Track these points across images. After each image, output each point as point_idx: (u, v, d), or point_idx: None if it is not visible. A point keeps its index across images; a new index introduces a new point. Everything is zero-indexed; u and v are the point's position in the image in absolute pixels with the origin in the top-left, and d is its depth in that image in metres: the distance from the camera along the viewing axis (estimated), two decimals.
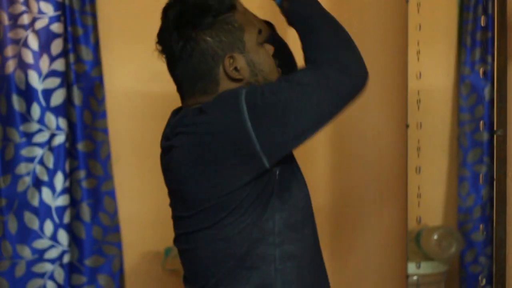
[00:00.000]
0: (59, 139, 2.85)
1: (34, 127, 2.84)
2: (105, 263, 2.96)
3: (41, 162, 2.85)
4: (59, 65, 2.84)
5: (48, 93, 2.84)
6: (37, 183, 2.85)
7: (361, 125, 2.84)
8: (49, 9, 2.82)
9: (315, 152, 2.88)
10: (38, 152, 2.84)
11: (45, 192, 2.85)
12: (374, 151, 2.84)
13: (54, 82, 2.84)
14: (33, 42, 2.81)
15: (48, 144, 2.85)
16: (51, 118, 2.84)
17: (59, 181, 2.85)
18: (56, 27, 2.83)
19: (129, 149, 3.05)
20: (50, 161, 2.85)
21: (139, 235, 3.06)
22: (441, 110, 3.47)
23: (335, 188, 2.95)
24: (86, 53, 2.91)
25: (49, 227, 2.85)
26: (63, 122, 2.85)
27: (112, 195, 2.97)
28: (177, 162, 1.51)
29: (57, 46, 2.84)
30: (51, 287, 2.87)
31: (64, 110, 2.86)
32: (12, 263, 2.83)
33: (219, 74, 1.51)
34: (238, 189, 1.46)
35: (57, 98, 2.85)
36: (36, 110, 2.83)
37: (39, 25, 2.82)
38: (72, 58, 2.89)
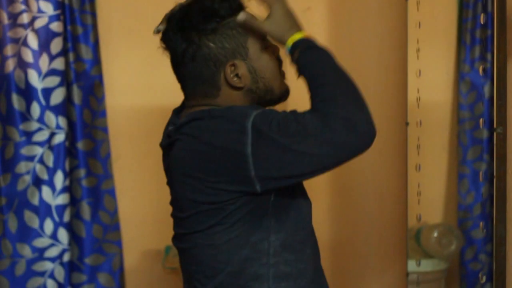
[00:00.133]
0: (59, 138, 2.85)
1: (34, 126, 2.84)
2: (105, 261, 2.97)
3: (41, 161, 2.85)
4: (58, 64, 2.84)
5: (47, 92, 2.84)
6: (37, 182, 2.85)
7: None
8: (48, 8, 2.82)
9: None
10: (38, 151, 2.84)
11: (45, 191, 2.85)
12: (374, 149, 2.81)
13: (53, 81, 2.84)
14: (33, 41, 2.81)
15: (48, 143, 2.85)
16: (51, 117, 2.84)
17: (59, 179, 2.85)
18: (56, 26, 2.83)
19: (129, 147, 3.04)
20: (50, 160, 2.85)
21: (139, 233, 3.06)
22: (440, 108, 3.47)
23: (335, 186, 2.95)
24: (86, 52, 2.91)
25: (49, 225, 2.85)
26: (63, 121, 2.85)
27: (112, 193, 2.97)
28: (175, 162, 1.52)
29: (56, 45, 2.84)
30: (51, 286, 2.87)
31: (64, 109, 2.86)
32: (12, 261, 2.83)
33: (220, 80, 1.51)
34: (226, 201, 1.46)
35: (57, 97, 2.85)
36: (36, 109, 2.83)
37: (38, 24, 2.82)
38: (71, 57, 2.89)
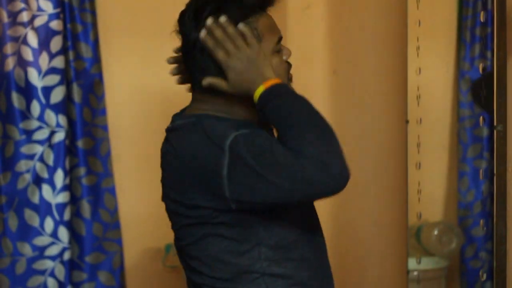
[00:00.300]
0: (59, 136, 2.85)
1: (34, 124, 2.83)
2: (105, 259, 2.97)
3: (41, 159, 2.84)
4: (58, 62, 2.84)
5: (47, 90, 2.83)
6: (37, 180, 2.85)
7: (361, 121, 2.84)
8: (48, 7, 2.82)
9: None
10: (38, 149, 2.84)
11: (45, 189, 2.85)
12: (374, 147, 2.84)
13: (53, 79, 2.84)
14: (33, 40, 2.81)
15: (48, 141, 2.85)
16: (51, 115, 2.84)
17: (59, 178, 2.85)
18: (56, 25, 2.83)
19: (129, 146, 3.04)
20: (50, 158, 2.85)
21: (139, 231, 3.06)
22: (441, 106, 3.47)
23: None
24: (86, 50, 2.91)
25: (49, 224, 2.85)
26: (63, 119, 2.85)
27: (112, 192, 2.97)
28: (164, 164, 1.56)
29: (56, 44, 2.83)
30: (51, 284, 2.87)
31: (64, 107, 2.86)
32: (12, 260, 2.83)
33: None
34: (204, 208, 1.46)
35: (57, 95, 2.84)
36: (36, 108, 2.83)
37: (38, 22, 2.81)
38: (71, 55, 2.89)
